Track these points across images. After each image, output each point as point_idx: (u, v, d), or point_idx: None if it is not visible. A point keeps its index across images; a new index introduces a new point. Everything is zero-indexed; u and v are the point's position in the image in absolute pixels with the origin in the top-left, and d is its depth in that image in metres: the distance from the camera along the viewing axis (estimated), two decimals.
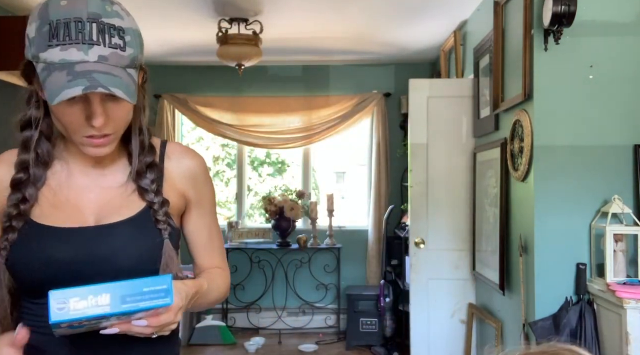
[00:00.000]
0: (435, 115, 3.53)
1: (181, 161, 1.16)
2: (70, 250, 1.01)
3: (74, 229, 1.03)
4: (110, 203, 1.08)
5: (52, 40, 0.92)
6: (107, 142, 1.01)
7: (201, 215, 1.19)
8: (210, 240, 1.21)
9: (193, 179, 1.16)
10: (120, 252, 1.03)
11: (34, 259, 1.00)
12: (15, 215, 1.02)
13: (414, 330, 3.54)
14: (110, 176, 1.10)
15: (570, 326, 2.32)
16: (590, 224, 2.44)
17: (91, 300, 0.86)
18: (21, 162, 1.05)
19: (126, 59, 0.96)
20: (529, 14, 2.48)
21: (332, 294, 5.19)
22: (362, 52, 4.84)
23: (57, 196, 1.06)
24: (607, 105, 2.45)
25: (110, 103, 0.97)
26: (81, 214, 1.06)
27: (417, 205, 3.56)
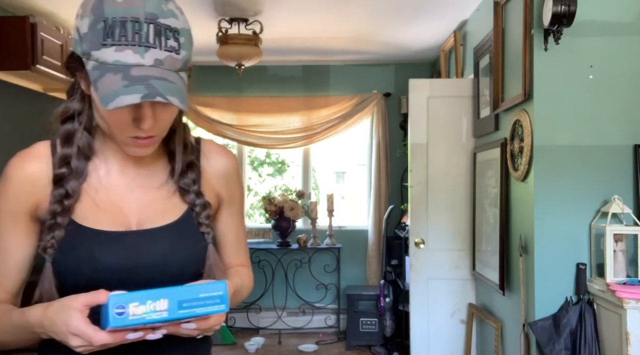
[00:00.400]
0: (435, 115, 3.53)
1: (217, 160, 1.14)
2: (117, 256, 0.99)
3: (119, 234, 1.01)
4: (152, 205, 1.05)
5: (107, 39, 0.88)
6: (151, 142, 0.98)
7: (231, 214, 1.17)
8: (237, 239, 1.20)
9: (227, 178, 1.15)
10: (166, 259, 1.01)
11: (81, 263, 0.97)
12: (60, 212, 0.99)
13: (414, 330, 3.54)
14: (151, 175, 1.07)
15: (570, 326, 2.32)
16: (590, 224, 2.44)
17: (150, 306, 0.84)
18: (63, 157, 1.02)
19: (180, 62, 0.93)
20: (529, 14, 2.48)
21: (332, 294, 5.19)
22: (362, 52, 4.84)
23: (98, 194, 1.03)
24: (607, 105, 2.45)
25: (159, 106, 0.94)
26: (124, 217, 1.03)
27: (417, 205, 3.56)
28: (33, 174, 1.02)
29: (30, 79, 3.52)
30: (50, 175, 1.01)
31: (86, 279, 0.96)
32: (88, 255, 0.97)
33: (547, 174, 2.48)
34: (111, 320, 0.82)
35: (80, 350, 0.87)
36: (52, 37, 3.37)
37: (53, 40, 3.39)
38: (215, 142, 1.19)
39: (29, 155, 1.04)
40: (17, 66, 3.19)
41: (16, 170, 1.02)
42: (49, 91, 3.90)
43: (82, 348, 0.87)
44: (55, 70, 3.42)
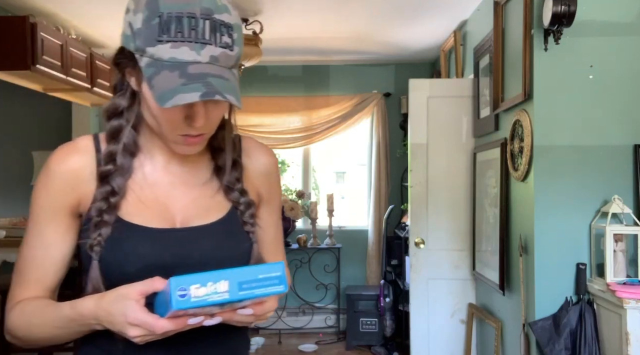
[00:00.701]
0: (435, 115, 3.53)
1: (259, 158, 1.13)
2: (163, 253, 0.97)
3: (165, 231, 0.99)
4: (196, 203, 1.04)
5: (163, 35, 0.85)
6: (200, 140, 0.97)
7: (270, 213, 1.15)
8: (276, 238, 1.19)
9: (267, 176, 1.13)
10: (211, 257, 0.99)
11: (127, 261, 0.95)
12: (106, 209, 0.97)
13: (414, 330, 3.54)
14: (195, 172, 1.06)
15: (570, 326, 2.32)
16: (590, 224, 2.44)
17: (211, 287, 0.83)
18: (109, 153, 1.00)
19: (233, 59, 0.91)
20: (529, 14, 2.48)
21: (332, 294, 5.19)
22: (362, 52, 4.84)
23: (144, 191, 1.01)
24: (607, 105, 2.45)
25: (211, 104, 0.92)
26: (169, 214, 1.01)
27: (417, 205, 3.56)
28: (76, 169, 0.99)
29: (30, 79, 3.52)
30: (93, 170, 1.00)
31: (131, 277, 0.93)
32: (134, 252, 0.96)
33: (547, 174, 2.48)
34: (174, 302, 0.81)
35: (138, 340, 0.86)
36: (52, 37, 3.37)
37: (53, 40, 3.39)
38: (256, 140, 1.18)
39: (73, 149, 1.01)
40: (17, 66, 3.19)
41: (59, 164, 0.99)
42: (49, 91, 3.89)
43: (140, 338, 0.85)
44: (55, 70, 3.42)
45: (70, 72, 3.63)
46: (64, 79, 3.56)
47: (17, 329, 0.98)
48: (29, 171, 5.17)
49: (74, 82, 3.69)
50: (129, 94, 0.99)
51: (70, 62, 3.63)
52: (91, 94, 4.08)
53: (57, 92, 3.96)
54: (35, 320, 0.96)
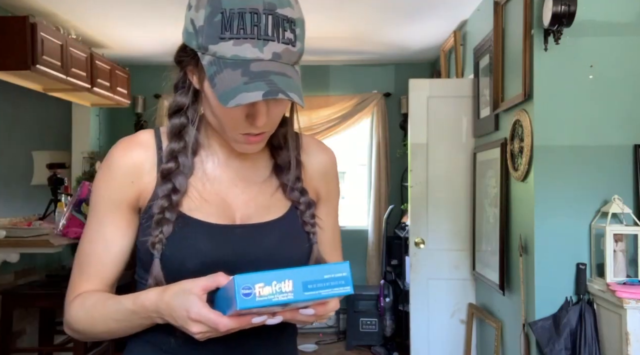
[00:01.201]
0: (435, 115, 3.53)
1: (317, 156, 1.10)
2: (223, 249, 0.96)
3: (225, 227, 0.97)
4: (256, 200, 1.02)
5: (225, 32, 0.83)
6: (262, 139, 0.95)
7: (328, 213, 1.12)
8: (334, 239, 1.15)
9: (326, 175, 1.10)
10: (272, 255, 0.98)
11: (187, 256, 0.94)
12: (167, 207, 0.95)
13: (414, 330, 3.54)
14: (254, 169, 1.04)
15: (570, 326, 2.32)
16: (590, 224, 2.44)
17: (275, 287, 0.80)
18: (171, 151, 0.98)
19: (295, 55, 0.89)
20: (529, 14, 2.48)
21: None
22: (362, 52, 4.84)
23: (205, 187, 1.00)
24: (607, 105, 2.45)
25: (273, 102, 0.90)
26: (230, 210, 0.99)
27: (417, 205, 3.56)
28: (138, 162, 0.98)
29: (30, 79, 3.52)
30: (154, 165, 0.99)
31: (191, 273, 0.91)
32: (195, 247, 0.94)
33: (547, 174, 2.48)
34: (239, 301, 0.78)
35: (199, 337, 0.84)
36: (52, 37, 3.38)
37: (53, 40, 3.39)
38: (315, 138, 1.15)
39: (135, 143, 1.00)
40: (17, 66, 3.19)
41: (121, 157, 0.98)
42: (49, 91, 3.90)
43: (201, 335, 0.84)
44: (55, 70, 3.42)
45: (70, 72, 3.63)
46: (64, 79, 3.56)
47: (77, 323, 0.96)
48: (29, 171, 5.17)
49: (74, 82, 3.69)
50: (190, 92, 0.98)
51: (70, 62, 3.63)
52: (91, 94, 4.09)
53: (57, 92, 3.96)
54: (96, 314, 0.94)
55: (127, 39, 4.42)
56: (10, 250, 3.14)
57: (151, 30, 4.12)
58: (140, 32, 4.24)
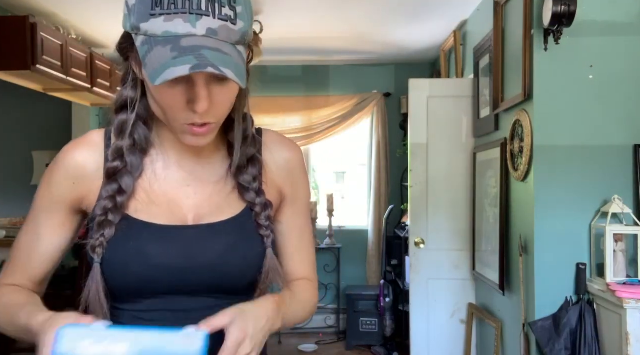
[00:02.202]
0: (435, 115, 3.53)
1: (280, 153, 1.03)
2: (170, 252, 0.91)
3: (174, 228, 0.92)
4: (210, 200, 0.96)
5: (156, 8, 0.78)
6: (207, 131, 0.87)
7: (293, 214, 1.05)
8: (301, 243, 1.07)
9: (290, 172, 1.03)
10: (224, 258, 0.92)
11: (131, 260, 0.89)
12: (111, 208, 0.91)
13: (414, 330, 3.54)
14: (209, 168, 0.98)
15: (570, 326, 2.32)
16: (590, 224, 2.44)
17: (105, 347, 0.73)
18: (117, 149, 0.93)
19: (237, 34, 0.82)
20: (529, 14, 2.48)
21: (332, 294, 5.19)
22: (362, 52, 4.84)
23: (153, 188, 0.95)
24: (607, 105, 2.45)
25: (215, 86, 0.83)
26: (181, 211, 0.94)
27: (417, 205, 3.56)
28: (81, 163, 0.95)
29: (30, 79, 3.52)
30: (100, 166, 0.94)
31: (136, 278, 0.89)
32: (139, 250, 0.90)
33: (547, 174, 2.48)
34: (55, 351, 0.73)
35: None
36: (52, 37, 3.38)
37: (53, 40, 3.39)
38: (278, 133, 1.07)
39: (82, 143, 0.97)
40: (17, 66, 3.19)
41: (66, 157, 0.95)
42: (49, 91, 3.90)
43: None
44: (55, 70, 3.42)
45: (70, 72, 3.63)
46: (64, 79, 3.56)
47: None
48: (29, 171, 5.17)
49: (74, 82, 3.69)
50: (134, 84, 0.93)
51: (70, 62, 3.63)
52: (91, 94, 4.08)
53: (57, 92, 3.96)
54: (2, 316, 0.94)
55: None
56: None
57: None
58: None
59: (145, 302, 0.92)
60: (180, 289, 0.91)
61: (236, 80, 0.79)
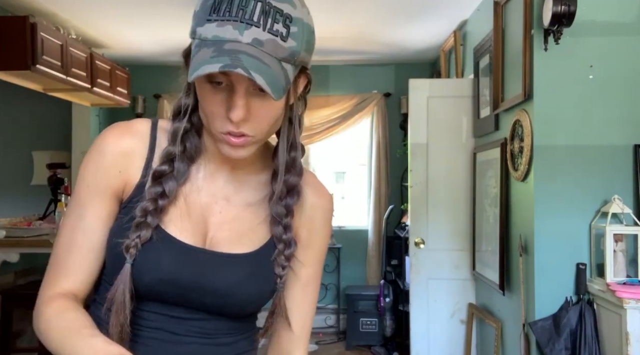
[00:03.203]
0: (435, 115, 3.53)
1: (309, 196, 1.00)
2: (183, 271, 0.90)
3: (192, 249, 0.91)
4: (231, 224, 0.94)
5: (212, 14, 0.80)
6: (244, 143, 0.86)
7: (303, 262, 1.00)
8: (303, 296, 1.02)
9: (311, 218, 1.00)
10: (229, 291, 0.91)
11: (148, 269, 0.89)
12: (152, 211, 0.89)
13: (414, 330, 3.54)
14: (242, 189, 0.96)
15: (570, 326, 2.32)
16: (590, 224, 2.44)
17: None
18: (167, 154, 0.92)
19: (285, 51, 0.81)
20: (529, 14, 2.48)
21: (332, 294, 5.19)
22: (362, 52, 4.84)
23: (190, 198, 0.94)
24: (607, 105, 2.45)
25: (256, 98, 0.83)
26: (204, 228, 0.94)
27: (417, 205, 3.56)
28: (130, 152, 0.93)
29: (30, 79, 3.52)
30: (144, 157, 0.93)
31: (145, 286, 0.88)
32: (158, 261, 0.89)
33: (547, 174, 2.48)
34: None
35: None
36: (52, 37, 3.38)
37: (53, 40, 3.39)
38: (315, 176, 1.05)
39: (129, 130, 0.94)
40: (17, 66, 3.19)
41: (112, 143, 0.93)
42: (49, 91, 3.90)
43: None
44: (55, 70, 3.42)
45: (70, 72, 3.63)
46: (64, 79, 3.56)
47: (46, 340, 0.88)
48: (29, 171, 5.18)
49: (74, 82, 3.69)
50: (188, 91, 0.93)
51: (70, 62, 3.63)
52: (91, 94, 4.09)
53: (57, 92, 3.96)
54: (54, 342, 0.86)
55: (127, 39, 4.42)
56: (10, 250, 3.15)
57: (151, 30, 4.12)
58: (140, 32, 4.24)
59: (149, 304, 0.92)
60: (182, 303, 0.92)
61: (266, 88, 0.77)
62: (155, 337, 0.92)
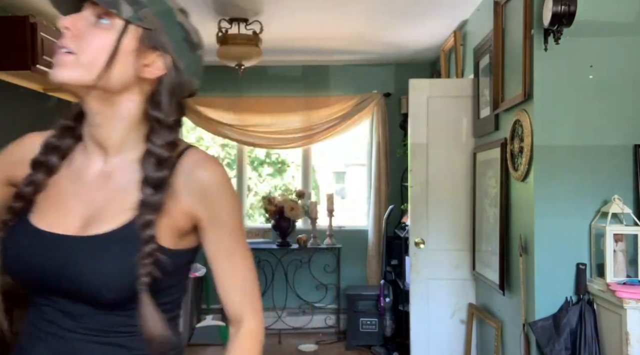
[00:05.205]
0: (435, 115, 3.53)
1: (195, 175, 0.98)
2: (45, 260, 0.92)
3: (56, 236, 0.94)
4: (105, 209, 0.95)
5: None
6: (66, 60, 0.91)
7: (218, 237, 1.00)
8: (231, 268, 1.02)
9: (204, 195, 0.97)
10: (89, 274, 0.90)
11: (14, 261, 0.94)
12: (21, 196, 0.97)
13: (414, 330, 3.54)
14: (119, 174, 0.98)
15: (570, 326, 2.32)
16: (590, 224, 2.44)
17: None
18: (45, 144, 1.02)
19: None
20: (529, 14, 2.48)
21: (332, 294, 5.19)
22: (362, 52, 4.84)
23: (62, 186, 0.99)
24: (607, 105, 2.45)
25: (94, 27, 0.92)
26: (68, 214, 0.96)
27: (417, 205, 3.56)
28: (26, 146, 1.05)
29: (30, 79, 3.52)
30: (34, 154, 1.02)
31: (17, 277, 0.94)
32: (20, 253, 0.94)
33: (547, 174, 2.48)
34: None
35: None
36: (52, 37, 3.37)
37: (53, 40, 3.39)
38: (201, 152, 1.02)
39: (39, 132, 1.07)
40: (17, 66, 3.19)
41: (22, 138, 1.07)
42: (49, 91, 3.89)
43: None
44: None
45: None
46: None
47: None
48: None
49: None
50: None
51: None
52: None
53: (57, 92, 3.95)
54: None
55: None
56: None
57: None
58: None
59: (40, 296, 0.96)
60: (61, 294, 0.93)
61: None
62: (50, 332, 0.94)
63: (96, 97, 0.95)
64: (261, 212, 5.21)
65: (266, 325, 5.34)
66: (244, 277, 1.04)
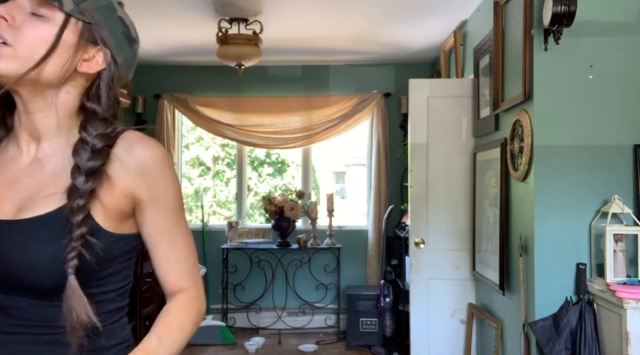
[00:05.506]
0: (435, 115, 3.53)
1: (132, 154, 0.97)
2: None
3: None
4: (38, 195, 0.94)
5: None
6: (2, 52, 0.89)
7: (158, 216, 0.99)
8: (172, 247, 1.01)
9: (144, 174, 0.97)
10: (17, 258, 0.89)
11: None
12: None
13: (414, 330, 3.54)
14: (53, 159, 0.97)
15: (570, 326, 2.32)
16: (590, 224, 2.44)
17: None
18: None
19: None
20: (529, 14, 2.48)
21: (332, 294, 5.19)
22: (362, 52, 4.84)
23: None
24: (607, 105, 2.45)
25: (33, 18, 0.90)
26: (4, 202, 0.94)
27: (417, 205, 3.56)
28: None
29: None
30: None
31: None
32: None
33: (547, 174, 2.48)
34: None
35: None
36: None
37: None
38: (137, 133, 1.01)
39: None
40: None
41: None
42: None
43: None
44: None
45: None
46: None
47: None
48: None
49: None
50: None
51: None
52: None
53: None
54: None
55: None
56: None
57: (151, 30, 4.11)
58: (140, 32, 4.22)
59: None
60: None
61: None
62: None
63: (29, 89, 0.93)
64: (261, 212, 5.21)
65: (266, 325, 5.35)
66: (187, 254, 1.04)
